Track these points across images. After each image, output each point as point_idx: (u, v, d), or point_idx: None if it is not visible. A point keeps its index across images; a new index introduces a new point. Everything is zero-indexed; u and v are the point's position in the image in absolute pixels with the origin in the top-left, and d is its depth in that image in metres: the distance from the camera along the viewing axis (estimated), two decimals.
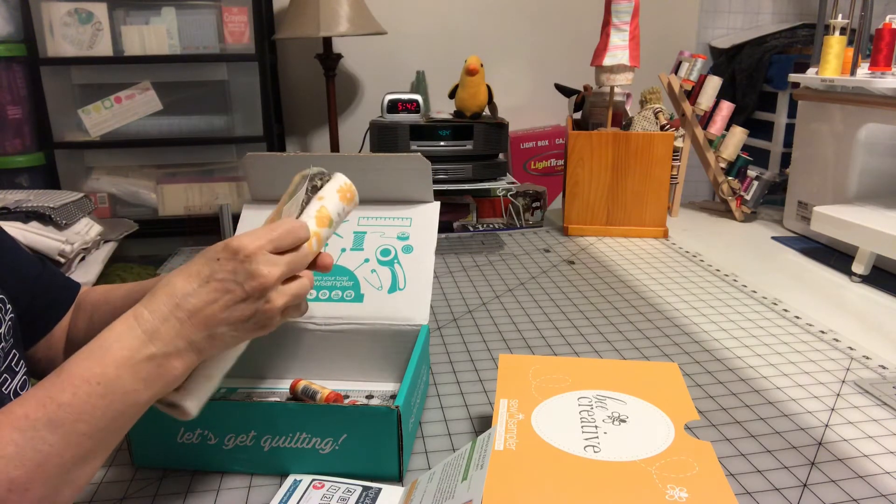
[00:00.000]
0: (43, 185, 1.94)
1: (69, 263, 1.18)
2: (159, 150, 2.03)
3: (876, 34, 1.17)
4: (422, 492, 0.55)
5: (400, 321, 0.75)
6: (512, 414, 0.61)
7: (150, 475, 0.64)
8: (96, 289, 0.77)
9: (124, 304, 0.71)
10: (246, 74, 2.00)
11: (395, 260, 0.78)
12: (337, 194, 0.62)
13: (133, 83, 1.96)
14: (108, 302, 0.74)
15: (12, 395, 0.66)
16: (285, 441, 0.61)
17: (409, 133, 1.37)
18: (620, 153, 1.37)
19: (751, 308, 1.03)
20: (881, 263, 1.16)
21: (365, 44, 2.30)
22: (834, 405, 0.75)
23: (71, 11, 1.85)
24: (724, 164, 1.53)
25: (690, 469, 0.53)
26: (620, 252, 1.31)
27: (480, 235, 1.44)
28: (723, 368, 0.84)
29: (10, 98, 1.84)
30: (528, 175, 2.39)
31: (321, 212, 0.60)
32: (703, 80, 1.53)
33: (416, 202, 0.82)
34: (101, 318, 0.73)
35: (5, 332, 0.65)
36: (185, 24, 1.94)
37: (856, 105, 1.24)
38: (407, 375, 0.64)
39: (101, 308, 0.74)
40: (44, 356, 0.74)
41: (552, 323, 0.98)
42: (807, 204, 1.39)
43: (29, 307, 0.72)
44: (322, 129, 2.39)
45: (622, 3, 1.29)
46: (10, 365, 0.66)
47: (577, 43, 2.38)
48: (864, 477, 0.62)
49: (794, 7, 2.56)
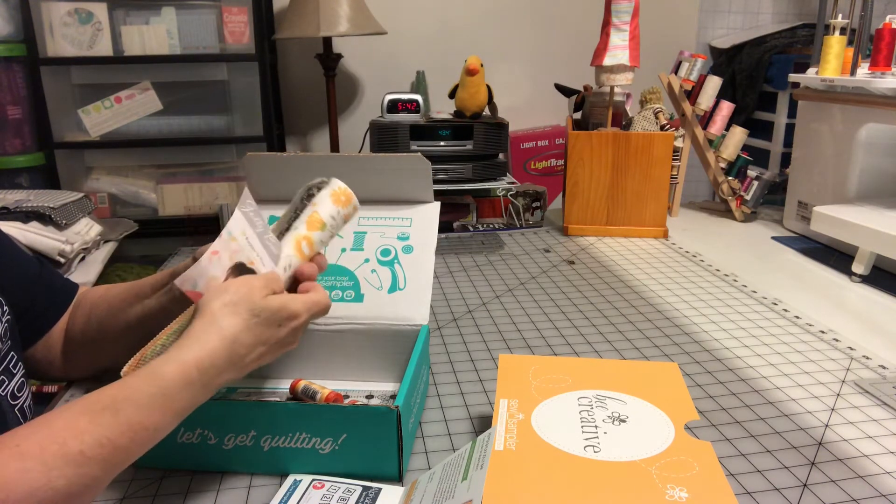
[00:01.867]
0: (43, 185, 1.94)
1: (69, 263, 1.18)
2: (159, 150, 2.03)
3: (876, 34, 1.17)
4: (422, 492, 0.55)
5: (400, 321, 0.75)
6: (512, 414, 0.61)
7: (150, 475, 0.63)
8: (94, 289, 0.78)
9: (122, 304, 0.72)
10: (246, 74, 2.00)
11: (395, 260, 0.78)
12: (330, 198, 0.64)
13: (133, 83, 1.96)
14: (105, 301, 0.74)
15: (9, 398, 0.66)
16: (285, 441, 0.61)
17: (409, 133, 1.37)
18: (620, 153, 1.37)
19: (751, 308, 1.03)
20: (881, 263, 1.16)
21: (365, 44, 2.30)
22: (834, 405, 0.75)
23: (71, 11, 1.85)
24: (724, 164, 1.53)
25: (690, 469, 0.53)
26: (620, 252, 1.31)
27: (480, 235, 1.44)
28: (723, 368, 0.84)
29: (10, 98, 1.84)
30: (528, 175, 2.39)
31: (313, 216, 0.63)
32: (703, 80, 1.53)
33: (416, 202, 0.82)
34: (99, 318, 0.73)
35: (2, 333, 0.65)
36: (185, 24, 1.94)
37: (856, 105, 1.24)
38: (407, 375, 0.64)
39: (98, 307, 0.74)
40: (42, 356, 0.74)
41: (552, 323, 0.98)
42: (807, 204, 1.39)
43: (28, 308, 0.71)
44: (322, 129, 2.39)
45: (622, 3, 1.29)
46: (7, 367, 0.66)
47: (577, 43, 2.38)
48: (864, 477, 0.62)
49: (794, 7, 2.56)
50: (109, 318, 0.72)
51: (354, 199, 0.67)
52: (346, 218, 0.67)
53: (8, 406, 0.65)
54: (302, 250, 0.63)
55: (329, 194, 0.65)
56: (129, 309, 0.70)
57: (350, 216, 0.67)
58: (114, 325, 0.71)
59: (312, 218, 0.63)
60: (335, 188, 0.65)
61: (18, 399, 0.67)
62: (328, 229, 0.64)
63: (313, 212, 0.64)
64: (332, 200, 0.65)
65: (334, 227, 0.65)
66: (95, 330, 0.73)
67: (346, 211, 0.66)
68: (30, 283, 0.72)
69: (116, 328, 0.71)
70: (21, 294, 0.70)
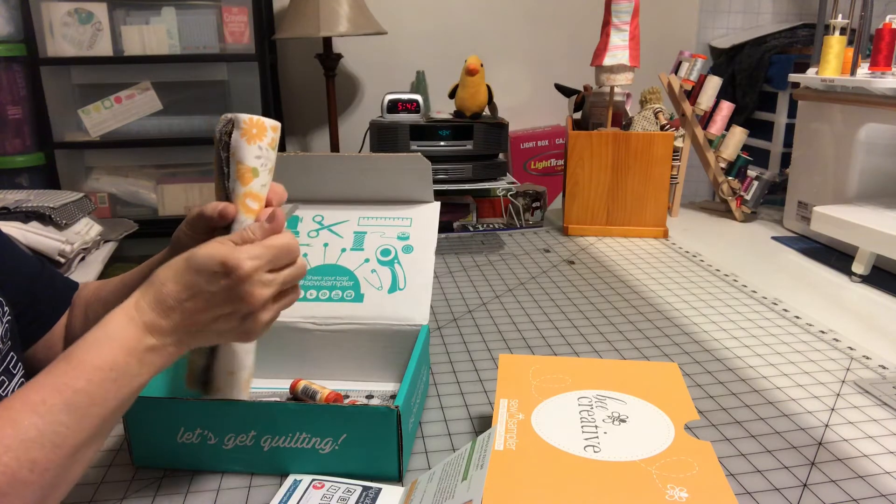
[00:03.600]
0: (43, 185, 1.94)
1: (69, 263, 1.18)
2: (159, 150, 2.03)
3: (876, 34, 1.17)
4: (422, 492, 0.55)
5: (400, 321, 0.75)
6: (512, 414, 0.61)
7: (150, 475, 0.63)
8: (88, 285, 0.78)
9: (116, 300, 0.72)
10: (246, 74, 2.00)
11: (395, 260, 0.78)
12: (244, 140, 0.59)
13: (133, 83, 1.96)
14: (99, 298, 0.75)
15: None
16: (285, 441, 0.61)
17: (409, 133, 1.37)
18: (620, 153, 1.37)
19: (751, 308, 1.03)
20: (881, 263, 1.16)
21: (365, 44, 2.30)
22: (834, 405, 0.75)
23: (71, 11, 1.85)
24: (724, 164, 1.53)
25: (690, 469, 0.53)
26: (620, 252, 1.31)
27: (480, 235, 1.44)
28: (723, 368, 0.84)
29: (10, 98, 1.84)
30: (528, 175, 2.39)
31: (240, 169, 0.59)
32: (703, 80, 1.53)
33: (416, 202, 0.82)
34: (95, 314, 0.73)
35: (2, 334, 0.65)
36: (185, 24, 1.94)
37: (856, 105, 1.24)
38: (407, 375, 0.64)
39: (93, 304, 0.75)
40: (43, 356, 0.74)
41: (552, 323, 0.98)
42: (807, 204, 1.39)
43: (28, 307, 0.72)
44: (322, 129, 2.39)
45: (622, 3, 1.29)
46: (7, 367, 0.66)
47: (577, 43, 2.38)
48: (864, 477, 0.62)
49: (794, 7, 2.56)
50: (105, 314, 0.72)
51: (267, 122, 0.61)
52: (271, 145, 0.61)
53: None
54: (250, 207, 0.60)
55: (241, 136, 0.59)
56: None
57: (275, 141, 0.62)
58: None
59: (240, 171, 0.59)
60: (241, 126, 0.60)
61: None
62: (261, 170, 0.60)
63: (237, 164, 0.59)
64: (247, 140, 0.59)
65: (266, 163, 0.61)
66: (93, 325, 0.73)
67: (267, 140, 0.61)
68: (30, 283, 0.72)
69: None
70: (22, 294, 0.71)
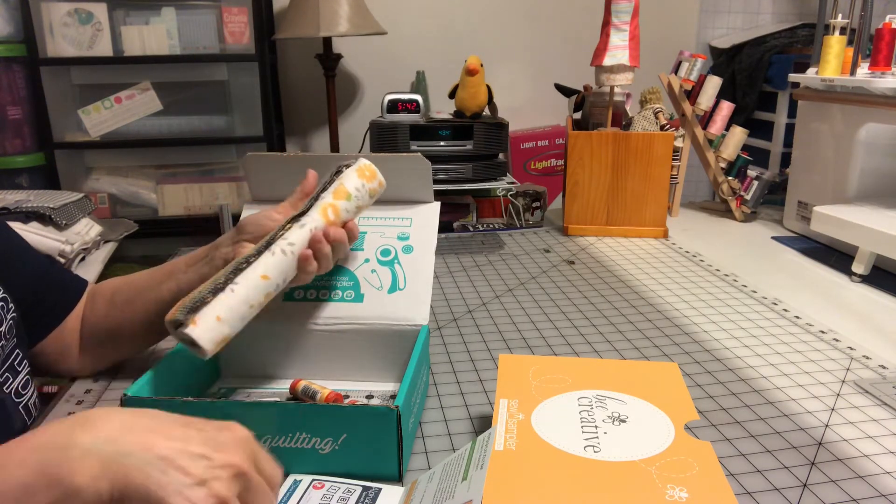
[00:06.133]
0: (43, 185, 1.94)
1: (69, 264, 1.18)
2: (159, 150, 2.03)
3: (876, 34, 1.17)
4: (422, 492, 0.55)
5: (400, 321, 0.75)
6: (512, 414, 0.61)
7: None
8: (111, 280, 0.80)
9: (150, 283, 0.74)
10: (246, 74, 2.00)
11: (395, 260, 0.78)
12: (355, 173, 0.70)
13: (133, 83, 1.96)
14: (128, 283, 0.76)
15: (13, 395, 0.66)
16: (285, 441, 0.61)
17: (409, 133, 1.37)
18: (620, 153, 1.37)
19: (751, 308, 1.03)
20: (881, 263, 1.16)
21: (365, 44, 2.30)
22: (834, 405, 0.75)
23: (71, 11, 1.85)
24: (724, 164, 1.53)
25: (690, 469, 0.53)
26: (620, 252, 1.31)
27: (480, 235, 1.44)
28: (723, 368, 0.84)
29: (10, 98, 1.84)
30: (528, 175, 2.39)
31: (339, 188, 0.69)
32: (703, 80, 1.53)
33: (416, 202, 0.82)
34: (124, 299, 0.75)
35: (6, 330, 0.65)
36: (184, 24, 1.94)
37: (856, 105, 1.24)
38: (407, 375, 0.64)
39: (122, 290, 0.76)
40: (53, 350, 0.75)
41: (552, 323, 0.98)
42: (807, 204, 1.39)
43: (36, 304, 0.72)
44: (322, 129, 2.39)
45: (622, 3, 1.29)
46: (11, 364, 0.66)
47: (577, 43, 2.38)
48: (864, 477, 0.62)
49: (794, 7, 2.56)
50: (137, 296, 0.74)
51: (380, 176, 0.72)
52: (371, 192, 0.71)
53: (12, 403, 0.66)
54: (328, 216, 0.67)
55: (355, 170, 0.70)
56: (161, 286, 0.72)
57: (376, 192, 0.72)
58: (141, 306, 0.73)
59: (338, 189, 0.69)
60: (360, 165, 0.71)
61: (23, 396, 0.68)
62: (353, 200, 0.69)
63: (339, 184, 0.69)
64: (357, 175, 0.70)
65: (359, 198, 0.70)
66: (120, 312, 0.74)
67: (371, 185, 0.71)
68: (37, 281, 0.73)
69: (145, 308, 0.73)
70: (28, 292, 0.71)
